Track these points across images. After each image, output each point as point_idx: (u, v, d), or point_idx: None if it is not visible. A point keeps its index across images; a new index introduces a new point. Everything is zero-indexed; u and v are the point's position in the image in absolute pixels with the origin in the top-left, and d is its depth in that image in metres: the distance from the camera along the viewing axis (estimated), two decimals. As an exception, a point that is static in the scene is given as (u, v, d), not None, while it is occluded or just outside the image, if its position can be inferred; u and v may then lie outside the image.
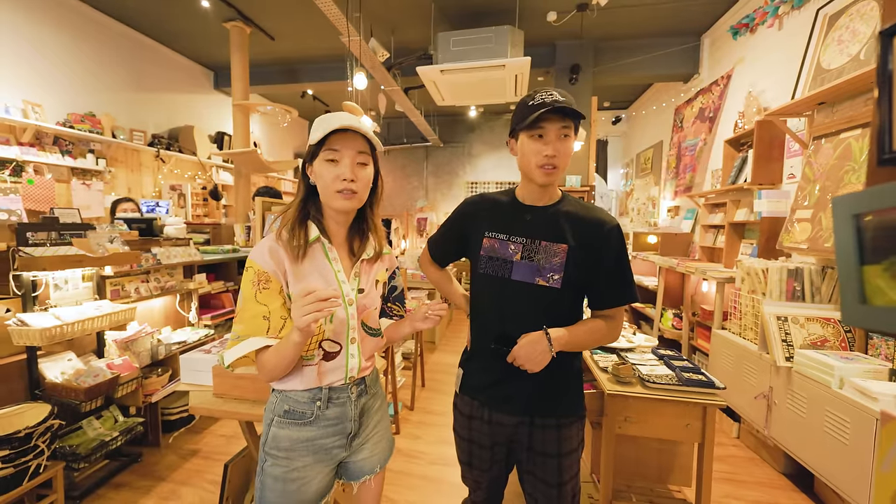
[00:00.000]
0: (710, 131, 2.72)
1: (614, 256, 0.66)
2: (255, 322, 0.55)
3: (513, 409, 0.69)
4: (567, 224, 0.67)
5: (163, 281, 1.71)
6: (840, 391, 1.13)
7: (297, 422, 0.59)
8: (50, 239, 1.30)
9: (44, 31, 2.28)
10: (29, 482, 1.06)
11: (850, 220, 0.32)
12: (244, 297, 0.56)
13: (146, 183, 2.85)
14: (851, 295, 0.31)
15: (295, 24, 2.75)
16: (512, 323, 0.67)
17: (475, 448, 0.73)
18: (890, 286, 0.29)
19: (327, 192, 0.58)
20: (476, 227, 0.72)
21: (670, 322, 2.42)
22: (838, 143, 1.50)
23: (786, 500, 1.31)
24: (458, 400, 0.76)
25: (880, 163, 0.32)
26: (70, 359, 1.39)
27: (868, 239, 0.30)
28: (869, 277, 0.30)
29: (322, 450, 0.60)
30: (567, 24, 2.54)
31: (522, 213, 0.69)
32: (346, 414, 0.62)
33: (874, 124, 0.33)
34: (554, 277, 0.65)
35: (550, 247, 0.66)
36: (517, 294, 0.67)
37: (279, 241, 0.58)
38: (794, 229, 1.63)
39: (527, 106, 0.64)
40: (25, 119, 2.09)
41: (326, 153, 0.57)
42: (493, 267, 0.69)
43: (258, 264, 0.57)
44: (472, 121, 5.16)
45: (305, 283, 0.57)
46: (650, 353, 1.09)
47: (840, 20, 1.67)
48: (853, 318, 0.31)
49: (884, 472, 0.33)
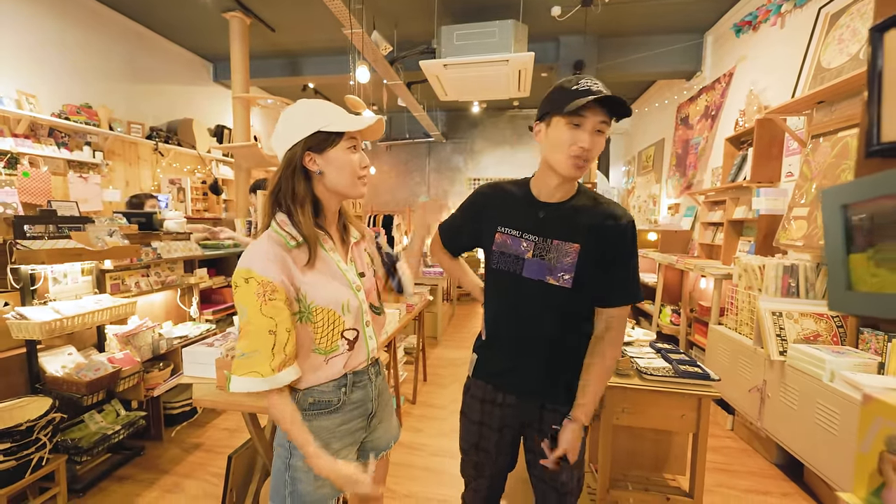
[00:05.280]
0: (712, 129, 2.73)
1: (627, 252, 0.65)
2: (261, 337, 0.52)
3: (526, 394, 0.70)
4: (580, 221, 0.65)
5: (163, 275, 1.71)
6: (831, 384, 1.16)
7: (323, 411, 0.59)
8: (48, 232, 1.29)
9: (39, 20, 2.23)
10: (31, 475, 1.06)
11: (839, 211, 0.33)
12: (248, 311, 0.52)
13: (144, 176, 2.82)
14: (838, 282, 0.32)
15: (296, 15, 2.71)
16: (527, 320, 0.68)
17: (485, 430, 0.73)
18: (873, 273, 0.30)
19: (348, 179, 0.56)
20: (489, 220, 0.71)
21: (669, 318, 2.45)
22: (836, 142, 1.52)
23: (776, 489, 1.35)
24: (472, 384, 0.76)
25: (868, 154, 0.34)
26: (70, 353, 1.39)
27: (855, 228, 0.32)
28: (855, 265, 0.32)
29: (348, 433, 0.61)
30: (571, 19, 2.52)
31: (536, 209, 0.67)
32: (368, 395, 0.64)
33: (863, 117, 0.34)
34: (564, 277, 0.64)
35: (562, 245, 0.65)
36: (530, 291, 0.67)
37: (283, 244, 0.54)
38: (791, 227, 1.65)
39: (569, 91, 0.59)
40: (19, 110, 2.06)
41: (349, 141, 0.56)
42: (505, 262, 0.68)
43: (260, 274, 0.52)
44: (475, 116, 5.13)
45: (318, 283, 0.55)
46: (648, 347, 1.11)
47: (841, 19, 1.68)
48: (839, 303, 0.32)
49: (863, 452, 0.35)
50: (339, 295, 0.58)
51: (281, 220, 0.56)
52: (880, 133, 0.32)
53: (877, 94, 0.32)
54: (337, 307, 0.57)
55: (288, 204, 0.56)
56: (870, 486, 0.34)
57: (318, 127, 0.55)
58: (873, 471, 0.33)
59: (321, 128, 0.55)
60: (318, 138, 0.55)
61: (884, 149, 0.32)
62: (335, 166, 0.56)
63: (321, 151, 0.56)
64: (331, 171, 0.56)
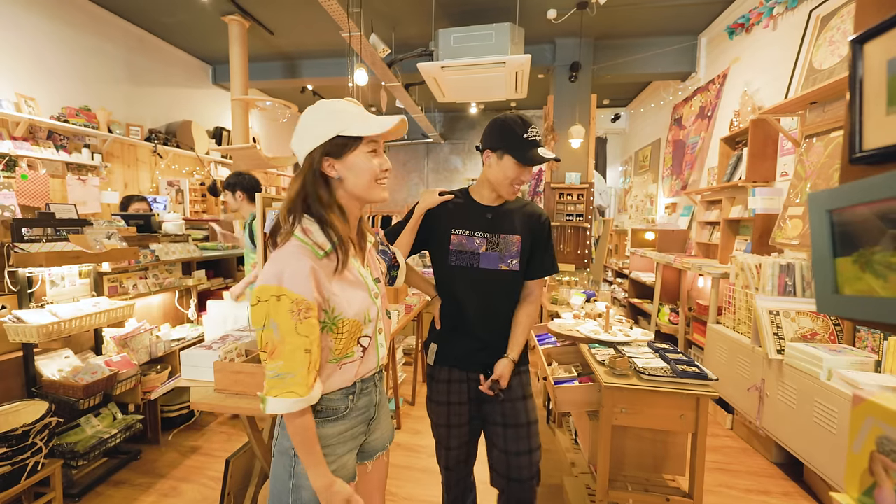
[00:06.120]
0: (708, 129, 2.75)
1: (546, 239, 0.87)
2: (297, 356, 0.50)
3: (490, 367, 0.85)
4: (516, 218, 0.85)
5: (161, 277, 1.71)
6: (828, 382, 1.17)
7: (329, 419, 0.58)
8: (46, 235, 1.29)
9: (38, 23, 2.24)
10: (27, 480, 1.05)
11: (825, 215, 0.33)
12: (282, 329, 0.49)
13: (143, 178, 2.82)
14: (825, 285, 0.33)
15: (295, 18, 2.73)
16: (482, 304, 0.85)
17: (454, 407, 0.87)
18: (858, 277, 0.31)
19: (368, 183, 0.55)
20: (441, 224, 0.86)
21: (667, 317, 2.46)
22: (829, 142, 1.53)
23: (776, 488, 1.35)
24: (435, 371, 0.89)
25: (851, 161, 0.34)
26: (67, 356, 1.39)
27: (840, 233, 0.32)
28: (841, 268, 0.32)
29: (351, 438, 0.61)
30: (567, 22, 2.55)
31: (483, 212, 0.86)
32: (373, 400, 0.64)
33: (846, 125, 0.35)
34: (513, 262, 0.84)
35: (508, 238, 0.84)
36: (485, 279, 0.84)
37: (312, 254, 0.51)
38: (786, 226, 1.67)
39: (521, 138, 0.78)
40: (18, 113, 2.06)
41: (369, 144, 0.54)
42: (462, 259, 0.84)
43: (296, 293, 0.49)
44: (473, 117, 5.15)
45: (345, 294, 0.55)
46: (646, 347, 1.11)
47: (832, 21, 1.70)
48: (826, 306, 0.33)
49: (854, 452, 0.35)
50: (363, 304, 0.57)
51: (307, 227, 0.54)
52: (862, 140, 0.33)
53: (858, 103, 0.33)
54: (360, 317, 0.57)
55: (318, 210, 0.54)
56: (861, 485, 0.34)
57: (337, 132, 0.53)
58: (865, 471, 0.34)
59: (340, 132, 0.53)
60: (336, 143, 0.53)
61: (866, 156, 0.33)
62: (354, 172, 0.54)
63: (340, 157, 0.54)
64: (350, 177, 0.55)
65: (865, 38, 0.33)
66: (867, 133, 0.32)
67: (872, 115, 0.32)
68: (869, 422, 0.35)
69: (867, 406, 0.36)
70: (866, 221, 0.30)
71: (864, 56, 0.33)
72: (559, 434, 1.53)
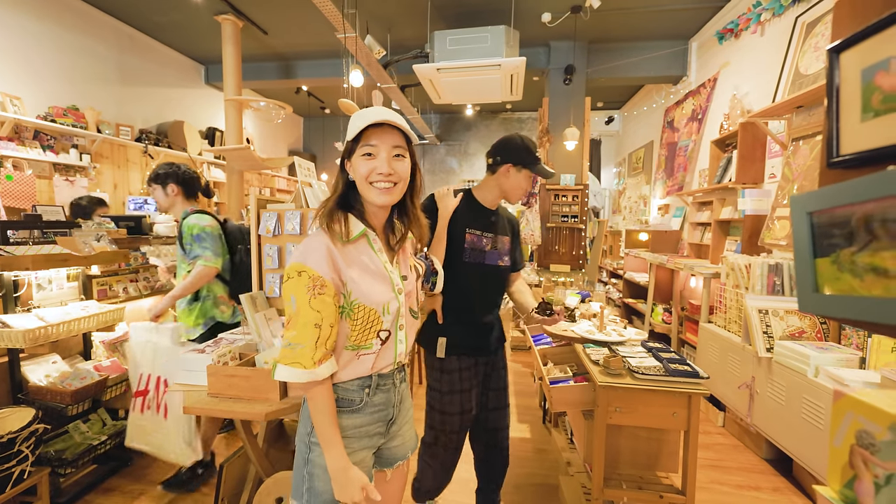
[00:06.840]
0: (699, 132, 2.81)
1: (518, 239, 1.08)
2: (307, 329, 0.55)
3: (490, 350, 1.02)
4: (504, 221, 1.03)
5: (152, 280, 1.68)
6: (816, 379, 1.20)
7: (345, 409, 0.60)
8: (32, 237, 1.26)
9: (24, 20, 2.19)
10: (12, 489, 1.02)
11: (805, 217, 0.35)
12: (298, 302, 0.55)
13: (133, 179, 2.77)
14: (806, 284, 0.34)
15: (289, 18, 2.71)
16: (485, 295, 1.01)
17: (465, 394, 0.98)
18: (837, 276, 0.32)
19: (364, 186, 0.59)
20: (457, 224, 0.98)
21: (661, 317, 2.49)
22: (814, 145, 1.58)
23: (766, 483, 1.38)
24: (445, 363, 0.97)
25: (829, 165, 0.36)
26: (55, 361, 1.36)
27: (819, 234, 0.34)
28: (821, 269, 0.33)
29: (367, 436, 0.62)
30: (561, 25, 2.58)
31: (489, 215, 1.00)
32: (391, 400, 0.64)
33: (824, 131, 0.36)
34: (506, 259, 1.02)
35: (503, 238, 1.01)
36: (490, 274, 1.00)
37: (331, 236, 0.58)
38: (775, 226, 1.71)
39: (535, 155, 0.96)
40: (3, 112, 2.01)
41: (363, 148, 0.58)
42: (474, 256, 0.97)
43: (314, 269, 0.56)
44: (469, 119, 5.18)
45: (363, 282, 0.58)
46: (640, 346, 1.13)
47: (817, 28, 1.75)
48: (807, 305, 0.34)
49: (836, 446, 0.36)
50: (382, 296, 0.60)
51: (336, 217, 0.60)
52: (839, 145, 0.34)
53: (835, 110, 0.34)
54: (378, 307, 0.59)
55: (351, 203, 0.62)
56: (843, 478, 0.36)
57: (349, 136, 0.60)
58: (845, 464, 0.35)
59: (348, 137, 0.60)
60: (347, 147, 0.61)
61: (843, 160, 0.34)
62: (354, 173, 0.60)
63: (349, 159, 0.61)
64: (356, 178, 0.60)
65: (842, 48, 0.34)
66: (844, 138, 0.34)
67: (848, 122, 0.33)
68: (849, 416, 0.36)
69: (847, 401, 0.37)
70: (844, 223, 0.31)
71: (841, 65, 0.34)
72: (555, 434, 1.54)
